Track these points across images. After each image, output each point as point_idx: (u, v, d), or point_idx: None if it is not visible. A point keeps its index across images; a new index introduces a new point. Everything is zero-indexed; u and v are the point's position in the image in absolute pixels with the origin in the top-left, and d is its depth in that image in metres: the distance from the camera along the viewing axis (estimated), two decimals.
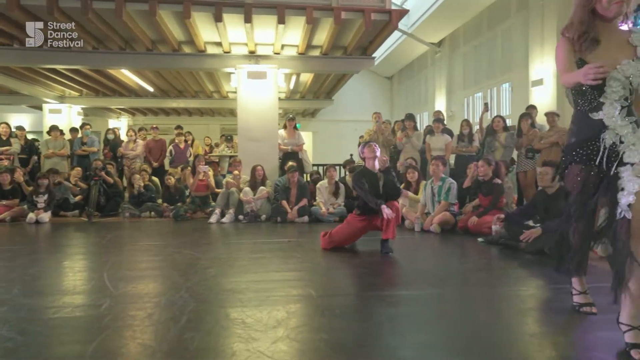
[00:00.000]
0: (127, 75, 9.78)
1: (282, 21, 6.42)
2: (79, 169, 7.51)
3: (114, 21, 6.51)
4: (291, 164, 6.85)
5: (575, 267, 2.19)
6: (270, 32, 7.15)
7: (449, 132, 7.20)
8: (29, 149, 8.21)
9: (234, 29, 7.01)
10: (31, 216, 6.09)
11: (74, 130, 8.64)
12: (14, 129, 8.14)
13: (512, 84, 9.45)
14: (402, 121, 7.48)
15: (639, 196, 1.77)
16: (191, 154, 8.52)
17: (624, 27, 2.04)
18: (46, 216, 6.17)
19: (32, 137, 9.73)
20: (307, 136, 14.06)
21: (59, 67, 8.36)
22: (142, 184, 7.02)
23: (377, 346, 1.90)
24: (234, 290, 2.81)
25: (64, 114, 11.93)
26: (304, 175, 7.65)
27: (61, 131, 8.49)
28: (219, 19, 6.35)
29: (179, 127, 9.02)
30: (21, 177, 6.79)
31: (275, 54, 7.85)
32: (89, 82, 10.47)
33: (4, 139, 7.72)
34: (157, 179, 7.70)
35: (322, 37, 7.44)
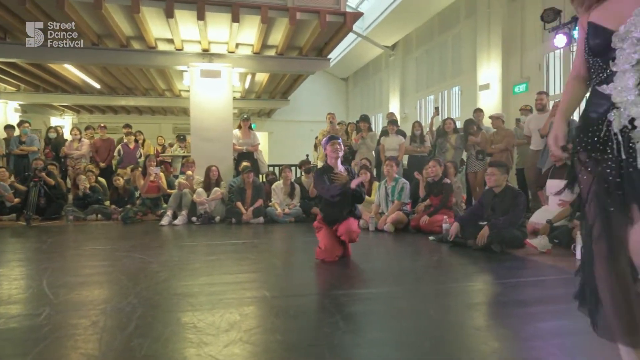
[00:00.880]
0: (71, 70, 9.27)
1: (236, 20, 6.32)
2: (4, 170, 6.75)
3: (55, 12, 6.14)
4: (246, 164, 6.76)
5: (622, 327, 1.41)
6: (224, 31, 7.02)
7: (402, 134, 7.40)
8: None
9: (187, 26, 6.82)
10: None
11: (9, 127, 8.07)
12: None
13: (462, 87, 9.86)
14: (357, 122, 7.60)
15: None
16: (141, 154, 8.20)
17: None
18: None
19: None
20: (262, 136, 13.94)
21: None
22: (88, 185, 6.66)
23: (331, 345, 1.91)
24: (185, 294, 2.73)
25: None
26: (259, 175, 7.58)
27: None
28: (170, 15, 6.15)
29: (128, 126, 8.65)
30: None
31: (229, 52, 7.72)
32: (28, 76, 9.82)
33: None
34: (104, 180, 7.35)
35: (277, 37, 7.40)
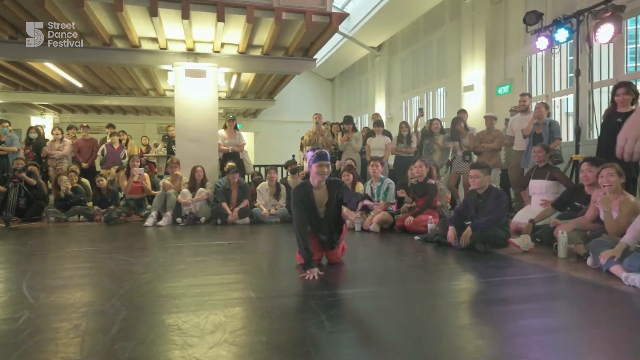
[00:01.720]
0: (52, 68, 9.09)
1: (221, 19, 6.28)
2: None
3: (34, 9, 6.02)
4: (231, 164, 6.72)
5: None
6: (209, 30, 6.97)
7: (388, 134, 7.45)
8: None
9: (171, 25, 6.76)
10: None
11: None
12: None
13: (446, 88, 9.96)
14: (341, 124, 7.63)
15: None
16: (125, 155, 8.09)
17: None
18: None
19: None
20: (248, 136, 13.89)
21: None
22: (70, 186, 6.54)
23: (317, 346, 1.91)
24: (170, 295, 2.70)
25: None
26: (245, 176, 7.54)
27: None
28: (154, 13, 6.08)
29: (111, 126, 8.53)
30: None
31: (215, 52, 7.67)
32: (6, 75, 9.61)
33: None
34: (87, 181, 7.23)
35: (263, 37, 7.38)
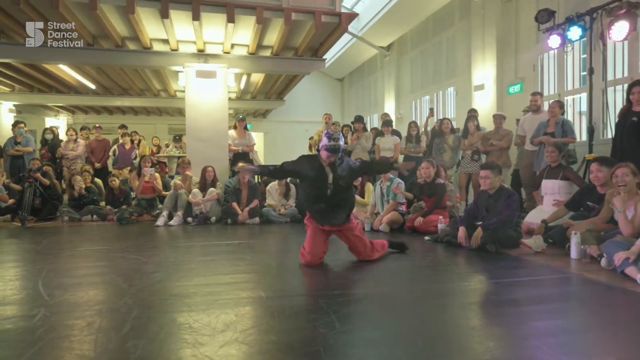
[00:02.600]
0: (66, 70, 9.23)
1: (231, 20, 6.32)
2: None
3: (49, 13, 6.11)
4: (242, 164, 6.75)
5: None
6: (219, 31, 7.02)
7: (398, 134, 7.43)
8: None
9: (182, 27, 6.82)
10: None
11: None
12: None
13: (456, 88, 9.89)
14: (351, 123, 7.63)
15: None
16: (137, 155, 8.17)
17: None
18: None
19: None
20: (258, 137, 13.93)
21: None
22: (84, 186, 6.64)
23: (327, 345, 1.92)
24: (181, 294, 2.73)
25: None
26: (255, 176, 7.56)
27: None
28: (165, 15, 6.15)
29: (124, 127, 8.62)
30: None
31: (225, 53, 7.72)
32: (22, 77, 9.78)
33: None
34: (99, 181, 7.32)
35: (272, 37, 7.41)
